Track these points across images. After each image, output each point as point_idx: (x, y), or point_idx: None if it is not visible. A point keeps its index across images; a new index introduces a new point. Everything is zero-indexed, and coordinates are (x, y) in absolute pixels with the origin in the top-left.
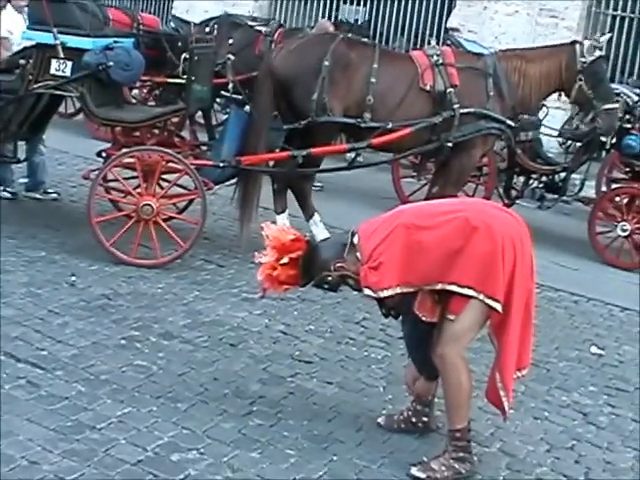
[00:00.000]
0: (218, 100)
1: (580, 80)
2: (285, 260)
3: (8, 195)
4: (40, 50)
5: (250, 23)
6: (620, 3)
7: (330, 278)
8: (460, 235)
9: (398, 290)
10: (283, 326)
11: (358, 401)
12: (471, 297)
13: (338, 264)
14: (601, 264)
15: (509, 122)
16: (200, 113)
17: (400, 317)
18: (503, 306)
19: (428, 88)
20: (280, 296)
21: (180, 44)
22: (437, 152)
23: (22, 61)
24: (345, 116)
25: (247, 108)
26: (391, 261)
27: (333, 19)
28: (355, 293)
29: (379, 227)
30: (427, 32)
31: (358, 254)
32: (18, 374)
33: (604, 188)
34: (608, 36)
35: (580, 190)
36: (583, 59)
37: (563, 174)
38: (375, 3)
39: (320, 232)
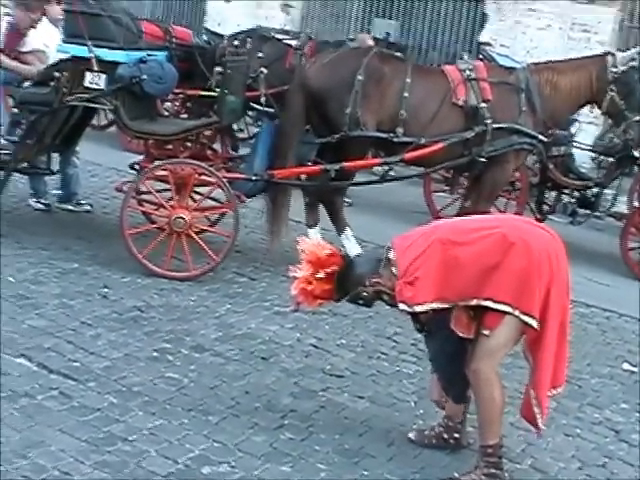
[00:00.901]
0: (250, 113)
1: (612, 91)
2: (320, 274)
3: (41, 206)
4: (75, 63)
5: (279, 36)
6: None
7: (365, 293)
8: (496, 251)
9: (434, 306)
10: (315, 340)
11: (389, 416)
12: (506, 313)
13: (373, 279)
14: (633, 280)
15: (541, 137)
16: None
17: (425, 333)
18: (539, 322)
19: (461, 103)
20: (312, 310)
21: (212, 57)
22: (469, 167)
23: (57, 74)
24: (378, 130)
25: (278, 122)
26: (427, 276)
27: (366, 32)
28: (387, 307)
29: (415, 242)
30: (459, 46)
31: (394, 269)
32: (51, 385)
33: (636, 203)
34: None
35: (612, 205)
36: (614, 70)
37: (595, 189)
38: (407, 17)
39: (352, 246)
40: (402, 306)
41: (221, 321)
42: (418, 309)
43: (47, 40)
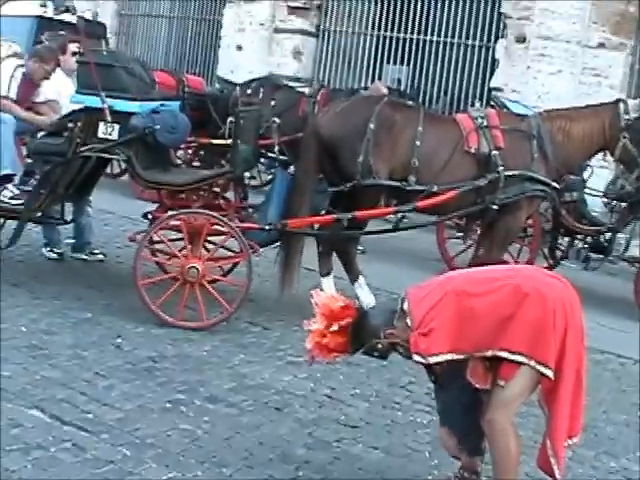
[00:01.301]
0: (263, 160)
1: (624, 138)
2: (335, 327)
3: (55, 256)
4: (88, 113)
5: (292, 84)
6: None
7: (380, 345)
8: (511, 302)
9: (448, 357)
10: (328, 390)
11: (404, 466)
12: (522, 363)
13: (388, 331)
14: None
15: (554, 184)
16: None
17: (439, 384)
18: (554, 372)
19: (473, 151)
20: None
21: (225, 105)
22: (482, 214)
23: (70, 124)
24: (390, 179)
25: (291, 169)
26: (442, 327)
27: (377, 78)
28: (400, 357)
29: (429, 293)
30: (470, 92)
31: (408, 320)
32: (64, 437)
33: None
34: None
35: (626, 250)
36: (627, 117)
37: (608, 234)
38: (419, 63)
39: (365, 295)
40: (417, 357)
41: (234, 371)
42: (433, 360)
43: (61, 91)
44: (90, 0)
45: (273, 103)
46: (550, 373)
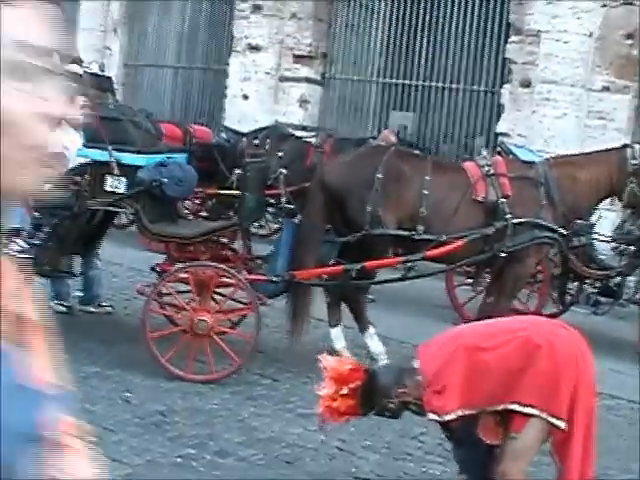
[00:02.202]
0: (270, 210)
1: (632, 183)
2: (344, 391)
3: (63, 309)
4: (95, 167)
5: (299, 134)
6: None
7: (392, 405)
8: (522, 355)
9: (460, 413)
10: (339, 442)
11: None
12: (533, 415)
13: (400, 390)
14: None
15: (561, 230)
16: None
17: (455, 440)
18: (566, 423)
19: (480, 199)
20: None
21: (232, 155)
22: (491, 262)
23: (77, 178)
24: (399, 228)
25: (298, 219)
26: (454, 383)
27: (383, 125)
28: None
29: (440, 349)
30: (477, 137)
31: (419, 378)
32: None
33: None
34: None
35: (636, 293)
36: (634, 162)
37: (618, 278)
38: (425, 109)
39: (375, 344)
40: (432, 416)
41: (244, 424)
42: (448, 418)
43: (68, 144)
44: (97, 51)
45: (280, 154)
46: (562, 424)
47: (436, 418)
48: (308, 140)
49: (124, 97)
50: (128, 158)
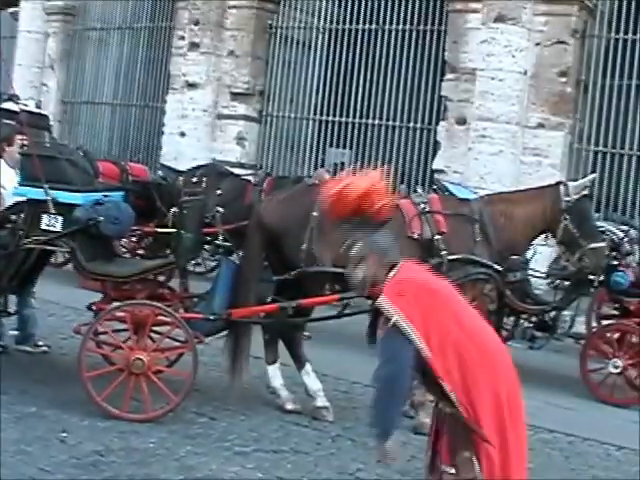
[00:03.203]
0: (207, 247)
1: (565, 220)
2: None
3: None
4: (31, 205)
5: (237, 172)
6: (601, 139)
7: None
8: None
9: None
10: None
11: None
12: None
13: (376, 256)
14: (595, 402)
15: (496, 267)
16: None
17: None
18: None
19: (416, 236)
20: (273, 448)
21: (169, 193)
22: None
23: (13, 216)
24: (334, 265)
25: (235, 257)
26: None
27: (320, 163)
28: (348, 443)
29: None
30: (413, 174)
31: (393, 271)
32: None
33: (594, 324)
34: (593, 176)
35: (571, 327)
36: (567, 199)
37: (553, 312)
38: (361, 146)
39: (312, 382)
40: (383, 300)
41: (182, 463)
42: (392, 311)
43: (4, 182)
44: (33, 88)
45: (219, 192)
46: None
47: (384, 305)
48: (246, 178)
49: (61, 134)
50: (64, 196)
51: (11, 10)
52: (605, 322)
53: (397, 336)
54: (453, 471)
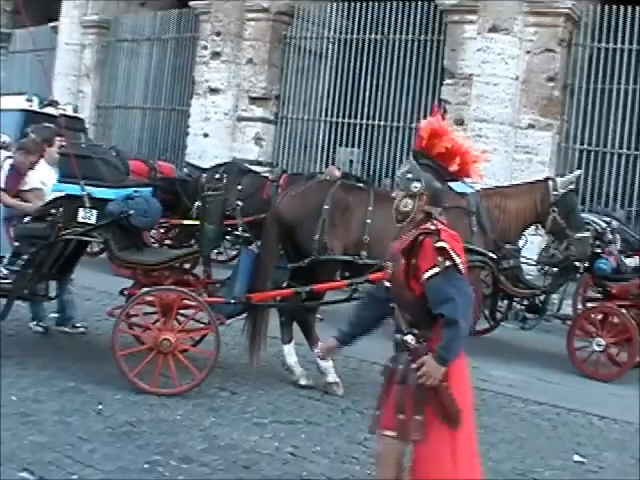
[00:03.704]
0: (228, 238)
1: (554, 212)
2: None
3: (40, 329)
4: (69, 200)
5: (255, 169)
6: (586, 139)
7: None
8: None
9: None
10: (292, 448)
11: None
12: None
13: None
14: (580, 377)
15: (491, 255)
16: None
17: None
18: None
19: None
20: (288, 420)
21: (193, 188)
22: None
23: (53, 210)
24: (344, 254)
25: (253, 247)
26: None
27: (331, 161)
28: (357, 415)
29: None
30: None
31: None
32: None
33: (580, 306)
34: (579, 172)
35: (559, 309)
36: (555, 193)
37: (543, 296)
38: (368, 145)
39: (323, 360)
40: (445, 244)
41: (206, 433)
42: (455, 255)
43: (45, 179)
44: (71, 94)
45: (239, 187)
46: None
47: (447, 248)
48: (264, 175)
49: (96, 136)
50: (98, 192)
51: (52, 24)
52: (590, 304)
53: (459, 275)
54: (394, 434)
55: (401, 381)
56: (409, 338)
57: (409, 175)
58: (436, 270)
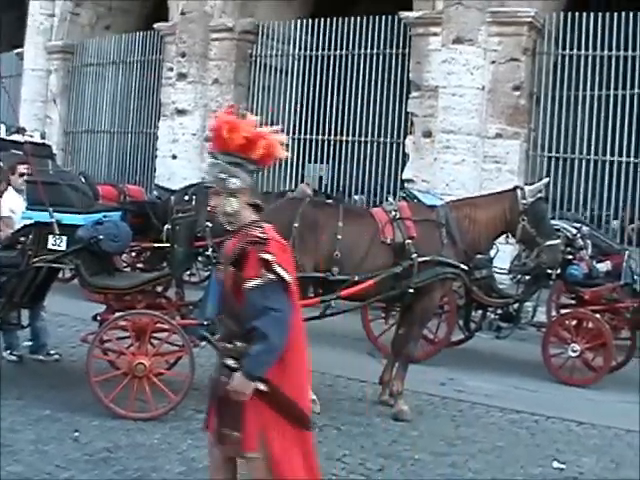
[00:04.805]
0: (200, 259)
1: (523, 220)
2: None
3: (15, 358)
4: (38, 227)
5: None
6: (554, 146)
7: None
8: None
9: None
10: None
11: None
12: None
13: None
14: (557, 383)
15: (462, 266)
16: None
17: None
18: None
19: (389, 241)
20: None
21: (163, 211)
22: (401, 297)
23: (22, 238)
24: (315, 271)
25: None
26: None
27: (300, 178)
28: (334, 432)
29: None
30: (385, 184)
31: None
32: None
33: (554, 313)
34: (546, 180)
35: (533, 316)
36: (524, 201)
37: (516, 304)
38: (337, 161)
39: None
40: (271, 256)
41: (184, 456)
42: (280, 269)
43: (14, 207)
44: (38, 120)
45: (209, 208)
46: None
47: (273, 261)
48: None
49: (65, 161)
50: (67, 218)
51: (16, 51)
52: (563, 311)
53: (280, 289)
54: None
55: (221, 393)
56: (230, 349)
57: (222, 175)
58: (258, 282)
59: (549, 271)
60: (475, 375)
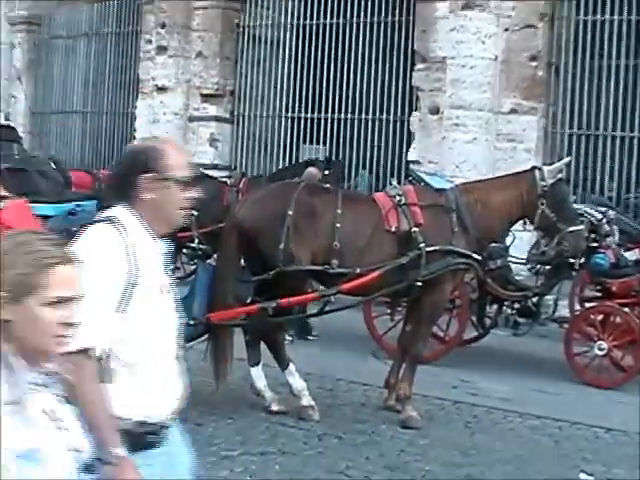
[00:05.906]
0: (185, 252)
1: (542, 204)
2: None
3: None
4: None
5: (212, 173)
6: (575, 121)
7: None
8: None
9: None
10: None
11: None
12: None
13: None
14: (582, 385)
15: (475, 256)
16: None
17: None
18: None
19: (393, 229)
20: (260, 450)
21: None
22: (408, 291)
23: None
24: (313, 263)
25: (212, 260)
26: None
27: (294, 160)
28: (335, 441)
29: None
30: (388, 165)
31: None
32: None
33: (577, 307)
34: (568, 159)
35: (554, 311)
36: (543, 183)
37: (535, 298)
38: (335, 141)
39: (297, 381)
40: None
41: None
42: None
43: None
44: (2, 100)
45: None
46: None
47: None
48: (222, 180)
49: (32, 145)
50: (37, 208)
51: None
52: (588, 304)
53: None
54: None
55: None
56: None
57: None
58: None
59: (572, 260)
60: (491, 377)
